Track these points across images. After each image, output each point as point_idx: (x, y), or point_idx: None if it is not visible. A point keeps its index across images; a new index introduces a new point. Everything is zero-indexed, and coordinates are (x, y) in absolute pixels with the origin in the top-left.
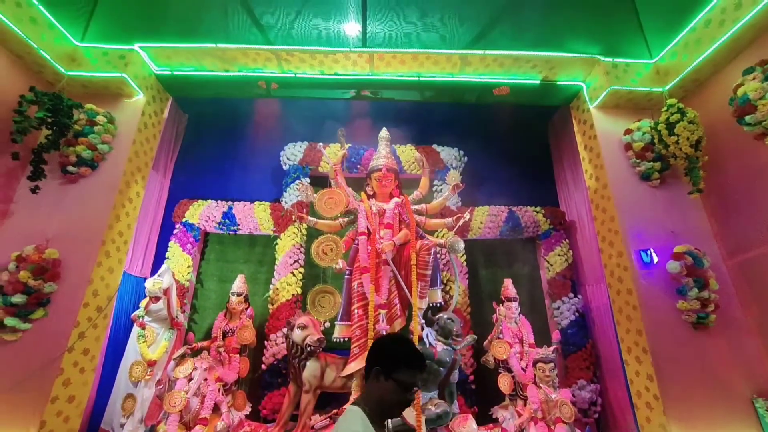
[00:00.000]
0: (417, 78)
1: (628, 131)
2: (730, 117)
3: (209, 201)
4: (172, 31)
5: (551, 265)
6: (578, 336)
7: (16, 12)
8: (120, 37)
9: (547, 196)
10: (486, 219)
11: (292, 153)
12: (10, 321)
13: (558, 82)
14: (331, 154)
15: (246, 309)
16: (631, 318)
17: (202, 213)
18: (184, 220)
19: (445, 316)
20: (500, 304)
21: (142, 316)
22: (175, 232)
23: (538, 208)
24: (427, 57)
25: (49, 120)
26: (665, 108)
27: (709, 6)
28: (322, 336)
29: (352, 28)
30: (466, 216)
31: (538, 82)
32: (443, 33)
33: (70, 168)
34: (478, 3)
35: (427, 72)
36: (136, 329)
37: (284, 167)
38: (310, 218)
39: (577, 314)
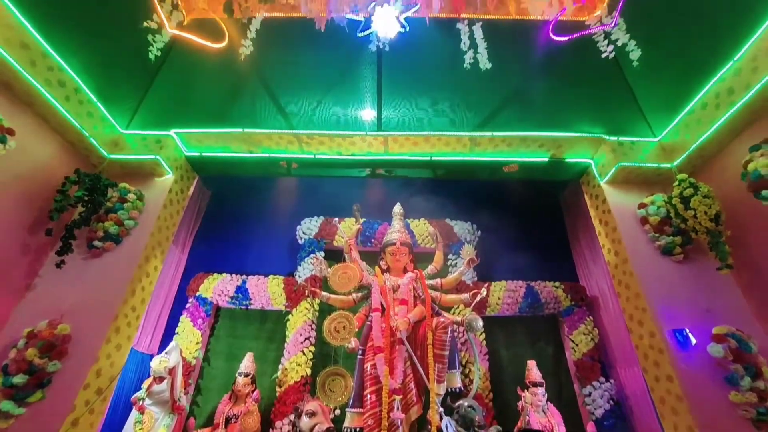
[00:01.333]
0: (429, 158)
1: (642, 205)
2: (745, 190)
3: (224, 274)
4: (205, 118)
5: (576, 345)
6: (617, 429)
7: (77, 108)
8: (159, 124)
9: (565, 270)
10: (504, 294)
11: (308, 227)
12: (5, 405)
13: (566, 160)
14: (346, 229)
15: (252, 391)
16: (677, 411)
17: (216, 287)
18: (197, 293)
19: (466, 404)
20: (525, 390)
21: (143, 399)
22: (187, 306)
23: (557, 283)
24: (438, 139)
25: (86, 198)
26: (676, 183)
27: (702, 91)
28: (332, 425)
29: (368, 114)
30: (483, 292)
31: (546, 159)
32: (453, 118)
33: (96, 243)
34: (485, 91)
35: (439, 152)
36: (134, 413)
37: (300, 241)
38: (323, 293)
39: (611, 402)
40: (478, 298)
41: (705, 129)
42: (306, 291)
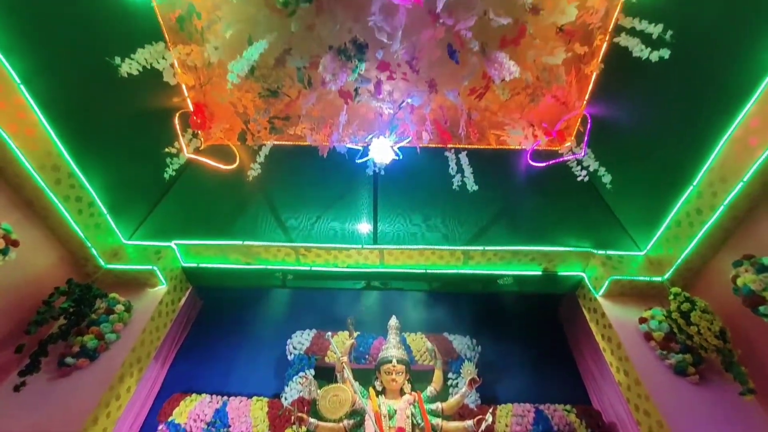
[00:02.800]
0: (424, 270)
1: (642, 320)
2: (740, 305)
3: (204, 395)
4: (207, 231)
5: None
6: None
7: (87, 220)
8: (161, 236)
9: (575, 390)
10: (511, 421)
11: (299, 341)
12: None
13: (559, 273)
14: (339, 343)
15: None
16: None
17: (193, 410)
18: (170, 419)
19: None
20: None
21: None
22: None
23: (568, 407)
24: (432, 252)
25: (71, 310)
26: (671, 296)
27: (673, 211)
28: None
29: (364, 228)
30: (489, 418)
31: (539, 273)
32: (445, 233)
33: (68, 360)
34: (474, 209)
35: (433, 265)
36: None
37: (289, 357)
38: (311, 420)
39: None
40: (483, 426)
41: (685, 244)
42: (292, 417)
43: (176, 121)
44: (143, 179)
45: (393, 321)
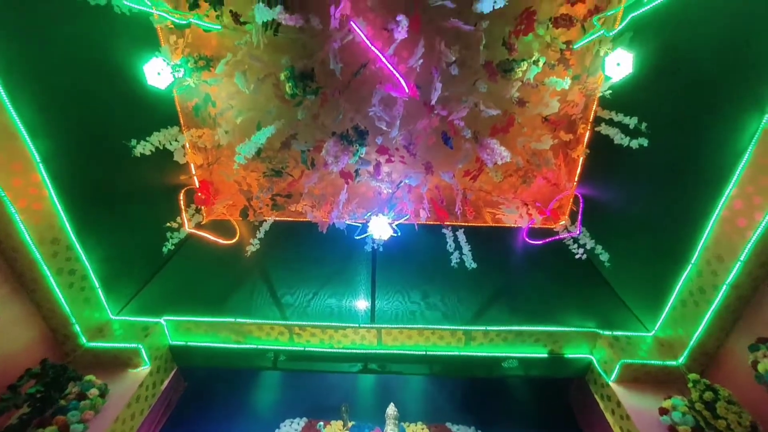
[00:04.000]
0: (424, 352)
1: (663, 410)
2: (765, 393)
3: None
4: (199, 307)
5: None
6: None
7: (77, 294)
8: (151, 311)
9: None
10: None
11: None
12: None
13: (566, 355)
14: None
15: None
16: None
17: None
18: None
19: None
20: None
21: None
22: None
23: None
24: (432, 332)
25: (39, 396)
26: (690, 384)
27: (675, 290)
28: None
29: (361, 305)
30: None
31: (545, 355)
32: (445, 311)
33: None
34: (474, 286)
35: (434, 346)
36: None
37: None
38: None
39: None
40: None
41: (694, 326)
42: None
43: (181, 197)
44: (141, 253)
45: (391, 409)
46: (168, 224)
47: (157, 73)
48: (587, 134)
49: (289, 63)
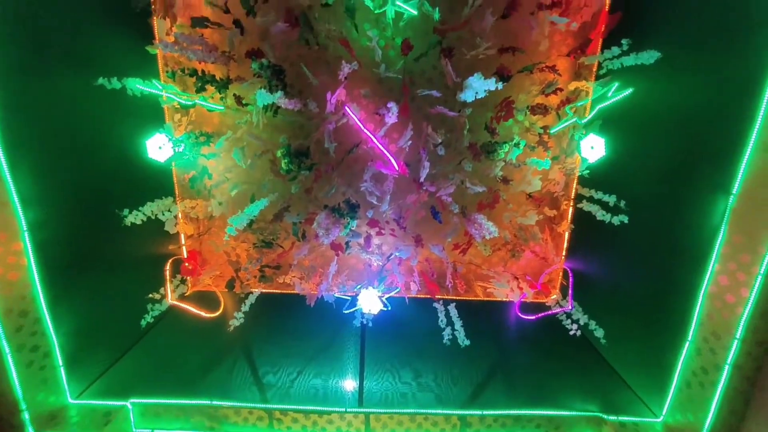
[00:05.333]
0: None
1: None
2: None
3: None
4: (172, 388)
5: None
6: None
7: (35, 374)
8: (117, 393)
9: None
10: None
11: None
12: None
13: None
14: None
15: None
16: None
17: None
18: None
19: None
20: None
21: None
22: None
23: None
24: (425, 418)
25: None
26: None
27: (677, 369)
28: None
29: (349, 386)
30: None
31: None
32: (438, 393)
33: None
34: (468, 365)
35: None
36: None
37: None
38: None
39: None
40: None
41: (704, 410)
42: None
43: (167, 267)
44: (117, 326)
45: None
46: (150, 295)
47: (159, 147)
48: (570, 210)
49: (286, 141)
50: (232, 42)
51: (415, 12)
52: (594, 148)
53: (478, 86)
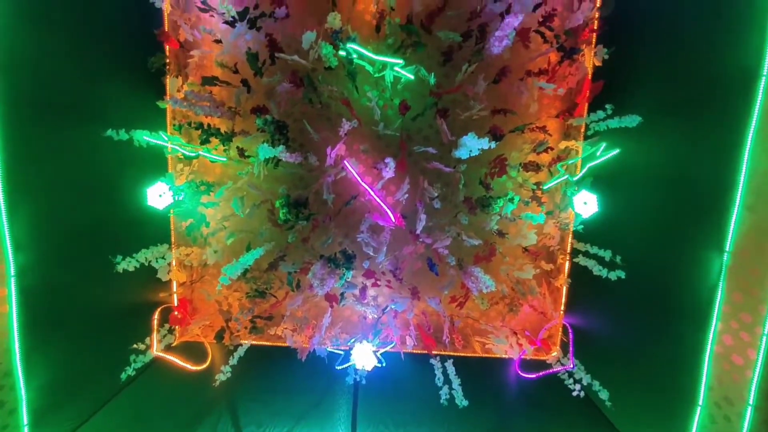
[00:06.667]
0: None
1: None
2: None
3: None
4: None
5: None
6: None
7: None
8: None
9: None
10: None
11: None
12: None
13: None
14: None
15: None
16: None
17: None
18: None
19: None
20: None
21: None
22: None
23: None
24: None
25: None
26: None
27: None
28: None
29: None
30: None
31: None
32: None
33: None
34: (466, 426)
35: None
36: None
37: None
38: None
39: None
40: None
41: None
42: None
43: (156, 316)
44: (96, 378)
45: None
46: (134, 345)
47: (159, 195)
48: (567, 264)
49: (285, 192)
50: (239, 99)
51: (411, 77)
52: (587, 204)
53: (472, 144)
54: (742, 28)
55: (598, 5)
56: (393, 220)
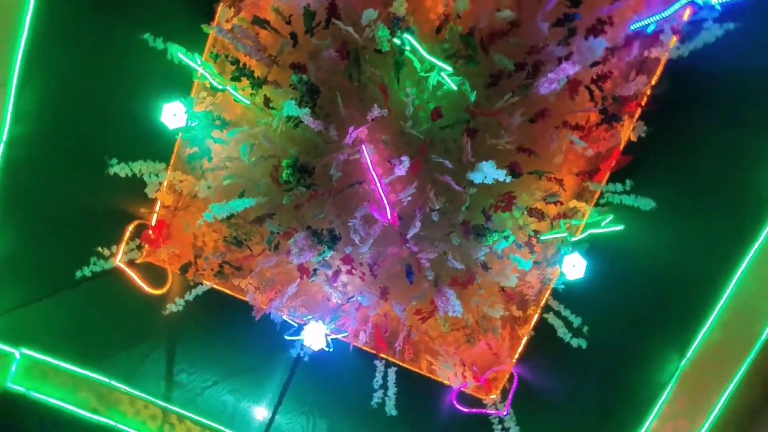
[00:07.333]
0: None
1: None
2: None
3: None
4: (74, 352)
5: None
6: None
7: None
8: (11, 338)
9: None
10: None
11: None
12: None
13: None
14: None
15: None
16: None
17: None
18: None
19: None
20: None
21: None
22: None
23: None
24: None
25: None
26: None
27: None
28: None
29: (259, 415)
30: None
31: None
32: None
33: None
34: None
35: None
36: None
37: None
38: None
39: None
40: None
41: None
42: None
43: (130, 228)
44: (50, 268)
45: None
46: (99, 248)
47: (174, 114)
48: (536, 317)
49: (295, 154)
50: (282, 50)
51: (454, 87)
52: (575, 267)
53: (489, 172)
54: None
55: (652, 83)
56: (389, 216)
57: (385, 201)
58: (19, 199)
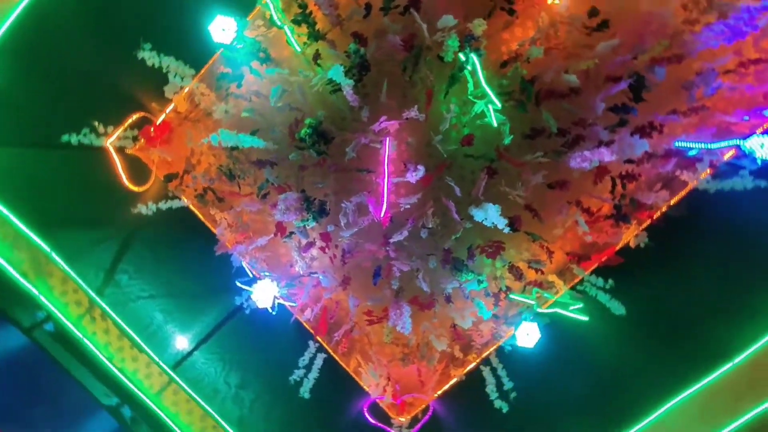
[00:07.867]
0: None
1: None
2: None
3: None
4: (28, 206)
5: None
6: None
7: None
8: None
9: None
10: None
11: None
12: None
13: None
14: None
15: None
16: None
17: None
18: None
19: None
20: None
21: None
22: None
23: None
24: (213, 426)
25: None
26: None
27: None
28: None
29: (180, 344)
30: None
31: None
32: (241, 415)
33: None
34: (289, 412)
35: None
36: None
37: None
38: None
39: None
40: None
41: None
42: None
43: (133, 117)
44: (39, 119)
45: None
46: (94, 122)
47: (222, 29)
48: (473, 364)
49: (321, 117)
50: (352, 16)
51: (495, 124)
52: (528, 336)
53: (491, 215)
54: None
55: (671, 202)
56: (382, 214)
57: (385, 199)
58: (40, 43)
